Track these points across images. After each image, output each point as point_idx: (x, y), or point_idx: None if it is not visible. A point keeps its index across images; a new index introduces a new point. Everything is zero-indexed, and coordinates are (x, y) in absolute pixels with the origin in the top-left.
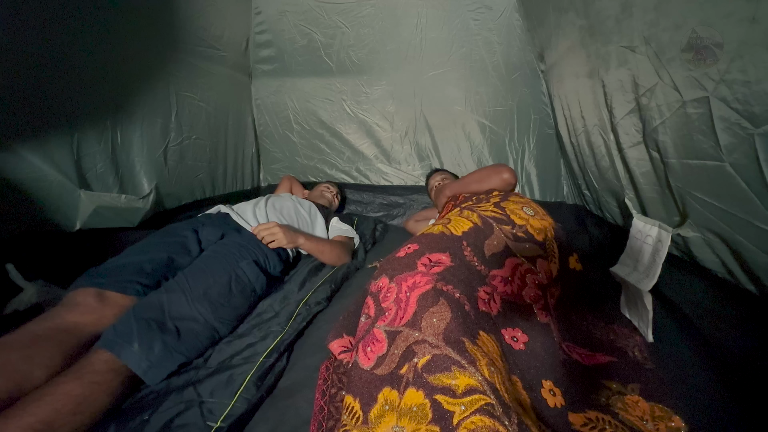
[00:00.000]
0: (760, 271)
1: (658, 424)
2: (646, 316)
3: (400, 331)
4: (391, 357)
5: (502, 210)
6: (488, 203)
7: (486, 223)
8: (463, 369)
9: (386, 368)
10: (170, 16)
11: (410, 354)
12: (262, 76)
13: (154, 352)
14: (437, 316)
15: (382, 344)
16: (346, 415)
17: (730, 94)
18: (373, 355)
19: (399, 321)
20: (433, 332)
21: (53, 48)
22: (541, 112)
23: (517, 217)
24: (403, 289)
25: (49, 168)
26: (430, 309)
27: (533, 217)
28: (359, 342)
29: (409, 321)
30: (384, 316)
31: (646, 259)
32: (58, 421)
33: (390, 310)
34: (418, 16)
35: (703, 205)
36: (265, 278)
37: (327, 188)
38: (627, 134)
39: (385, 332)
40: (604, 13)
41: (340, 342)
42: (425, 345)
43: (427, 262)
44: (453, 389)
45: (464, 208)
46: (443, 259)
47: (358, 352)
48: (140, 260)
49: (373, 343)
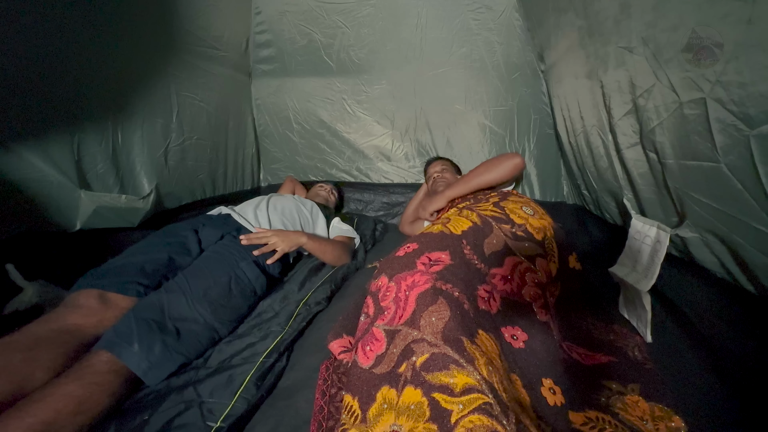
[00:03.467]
0: (758, 271)
1: (658, 424)
2: (644, 317)
3: (399, 330)
4: (389, 356)
5: (501, 209)
6: (487, 203)
7: (485, 222)
8: (461, 368)
9: (385, 367)
10: (170, 16)
11: (409, 352)
12: (262, 76)
13: (155, 352)
14: (436, 315)
15: (381, 343)
16: (346, 413)
17: (726, 96)
18: (372, 354)
19: (398, 320)
20: (432, 331)
21: (53, 48)
22: (541, 112)
23: (517, 217)
24: (402, 288)
25: (49, 168)
26: (429, 308)
27: (532, 216)
28: (359, 341)
29: (408, 320)
30: (383, 315)
31: (645, 260)
32: (59, 421)
33: (389, 309)
34: (418, 15)
35: (700, 205)
36: (265, 278)
37: (321, 187)
38: (625, 135)
39: (384, 331)
40: (603, 13)
41: (339, 342)
42: (424, 344)
43: (426, 261)
44: (451, 388)
45: (463, 208)
46: (443, 257)
47: (358, 351)
48: (141, 261)
49: (372, 342)
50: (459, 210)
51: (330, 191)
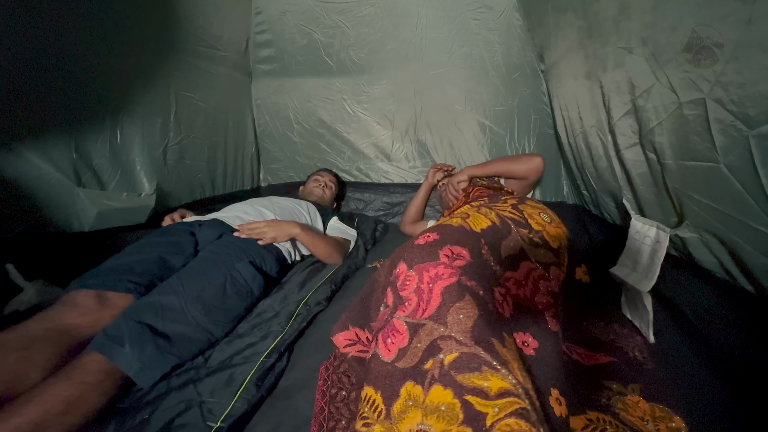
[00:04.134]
0: (757, 272)
1: (658, 424)
2: (646, 317)
3: (424, 324)
4: (413, 350)
5: (520, 213)
6: (505, 204)
7: (504, 223)
8: (495, 370)
9: (408, 361)
10: (170, 15)
11: (435, 349)
12: (262, 76)
13: (146, 354)
14: (464, 313)
15: (403, 336)
16: (368, 407)
17: (726, 96)
18: (394, 348)
19: (422, 313)
20: (460, 329)
21: (53, 47)
22: (541, 112)
23: (535, 222)
24: (425, 279)
25: (48, 167)
26: (456, 304)
27: (549, 224)
28: (378, 332)
29: (433, 314)
30: (404, 306)
31: (645, 260)
32: (47, 421)
33: (410, 300)
34: (418, 15)
35: (699, 206)
36: (262, 279)
37: (315, 181)
38: (624, 135)
39: (407, 323)
40: (602, 14)
41: (345, 335)
42: (452, 341)
43: (449, 253)
44: (485, 391)
45: (481, 206)
46: (464, 253)
47: (378, 343)
48: (131, 261)
49: (393, 334)
50: (476, 207)
51: (324, 186)
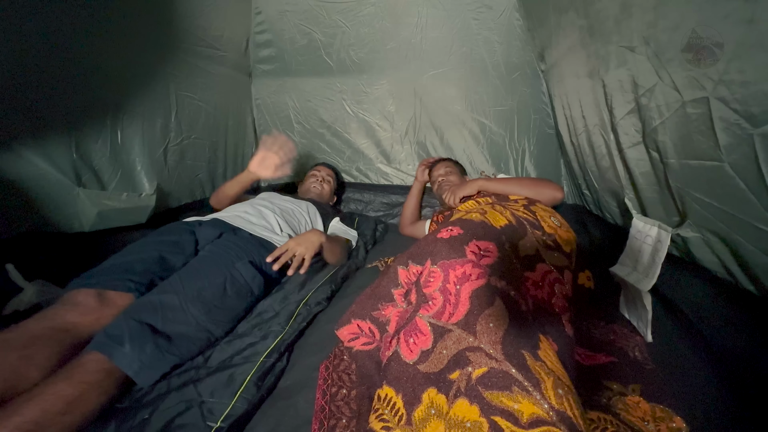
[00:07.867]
0: (759, 272)
1: (659, 425)
2: (645, 316)
3: (451, 330)
4: (438, 355)
5: (532, 214)
6: (517, 204)
7: (520, 223)
8: (526, 393)
9: (432, 366)
10: (170, 15)
11: (463, 360)
12: (262, 76)
13: (146, 353)
14: (494, 321)
15: (427, 338)
16: (387, 408)
17: (729, 95)
18: (417, 349)
19: (448, 317)
20: (490, 340)
21: (53, 48)
22: (541, 112)
23: (547, 225)
24: (451, 278)
25: (49, 167)
26: (486, 311)
27: (560, 228)
28: (400, 330)
29: (461, 321)
30: (428, 305)
31: (646, 259)
32: (47, 421)
33: (435, 300)
34: (418, 15)
35: (702, 205)
36: (262, 278)
37: (313, 176)
38: (627, 134)
39: (431, 325)
40: (603, 13)
41: (348, 328)
42: (481, 354)
43: (476, 250)
44: (516, 415)
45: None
46: (491, 248)
47: (400, 342)
48: (131, 260)
49: (416, 334)
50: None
51: (321, 180)
